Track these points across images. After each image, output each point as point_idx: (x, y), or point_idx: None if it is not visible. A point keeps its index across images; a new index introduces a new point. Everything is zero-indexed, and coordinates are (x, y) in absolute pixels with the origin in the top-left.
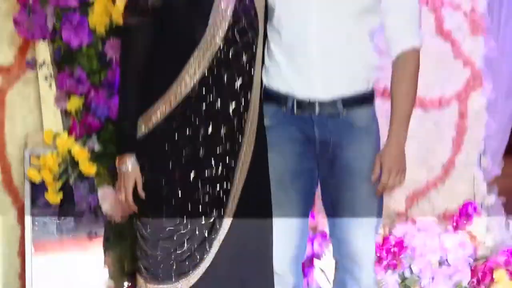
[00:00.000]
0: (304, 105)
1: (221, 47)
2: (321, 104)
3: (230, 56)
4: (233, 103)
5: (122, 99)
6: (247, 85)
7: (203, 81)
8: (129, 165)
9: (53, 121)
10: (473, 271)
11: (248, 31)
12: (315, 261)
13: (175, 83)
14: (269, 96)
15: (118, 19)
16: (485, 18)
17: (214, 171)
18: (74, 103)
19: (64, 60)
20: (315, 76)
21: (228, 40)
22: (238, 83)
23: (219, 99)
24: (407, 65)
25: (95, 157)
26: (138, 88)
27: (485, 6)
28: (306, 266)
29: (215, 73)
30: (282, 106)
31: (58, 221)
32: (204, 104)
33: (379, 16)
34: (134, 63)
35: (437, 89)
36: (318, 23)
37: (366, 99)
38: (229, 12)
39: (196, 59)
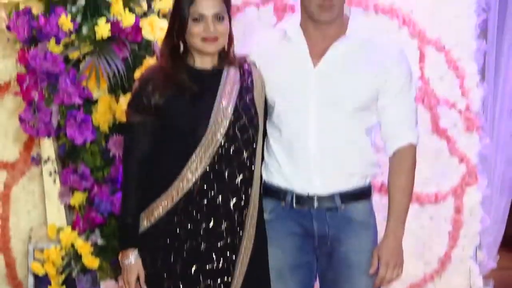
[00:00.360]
0: (303, 200)
1: (222, 144)
2: (320, 198)
3: (231, 152)
4: (234, 198)
5: (124, 195)
6: (248, 180)
7: (204, 176)
8: (132, 259)
9: (57, 215)
10: None
11: (249, 128)
12: None
13: (177, 179)
14: (269, 191)
15: (121, 116)
16: (479, 116)
17: (215, 265)
18: (78, 198)
19: (68, 156)
20: (314, 172)
21: (229, 137)
22: (239, 178)
23: (220, 195)
24: (404, 161)
25: (98, 251)
26: (140, 184)
27: (479, 105)
28: None
29: (216, 168)
30: (281, 200)
31: None
32: (205, 199)
33: (376, 113)
34: (137, 160)
35: (433, 184)
36: (317, 121)
37: (363, 194)
38: (230, 110)
39: (197, 155)
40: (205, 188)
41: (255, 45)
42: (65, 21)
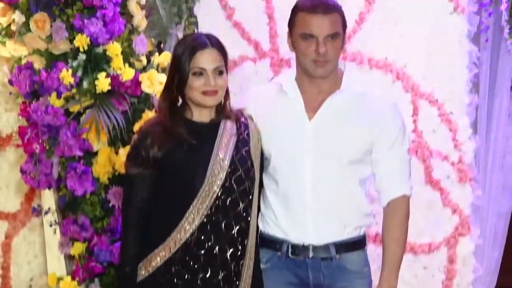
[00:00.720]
0: (299, 250)
1: (219, 195)
2: (315, 248)
3: (228, 204)
4: (231, 248)
5: (123, 245)
6: (244, 231)
7: (201, 227)
8: None
9: (57, 265)
10: None
11: (245, 179)
12: None
13: (175, 230)
14: (265, 241)
15: (121, 168)
16: (472, 168)
17: None
18: (78, 249)
19: (68, 207)
20: (309, 223)
21: (226, 188)
22: (235, 229)
23: (217, 245)
24: (398, 212)
25: None
26: (139, 234)
27: (471, 157)
28: None
29: (213, 219)
30: (277, 250)
31: None
32: (202, 249)
33: (370, 165)
34: (136, 210)
35: (427, 235)
36: (312, 173)
37: (358, 244)
38: (227, 162)
39: (195, 207)
40: (202, 238)
41: (251, 98)
42: (66, 76)
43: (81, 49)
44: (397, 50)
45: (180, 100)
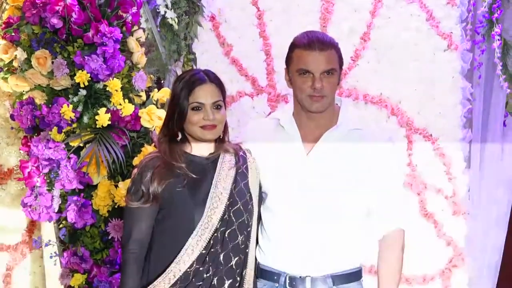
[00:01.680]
0: (296, 281)
1: (218, 228)
2: (313, 280)
3: (226, 236)
4: (229, 280)
5: (123, 277)
6: (242, 263)
7: (200, 259)
8: None
9: None
10: None
11: (243, 212)
12: None
13: (174, 262)
14: (263, 272)
15: (120, 201)
16: (465, 201)
17: None
18: (77, 280)
19: (68, 239)
20: (307, 255)
21: (224, 221)
22: (234, 261)
23: (215, 277)
24: (393, 245)
25: None
26: (138, 267)
27: (465, 190)
28: None
29: (212, 251)
30: (275, 282)
31: None
32: (201, 281)
33: (366, 199)
34: (136, 243)
35: (421, 267)
36: (309, 206)
37: (354, 275)
38: (225, 195)
39: (194, 239)
40: (200, 270)
41: (249, 132)
42: (67, 111)
43: (82, 85)
44: (392, 86)
45: (180, 135)
